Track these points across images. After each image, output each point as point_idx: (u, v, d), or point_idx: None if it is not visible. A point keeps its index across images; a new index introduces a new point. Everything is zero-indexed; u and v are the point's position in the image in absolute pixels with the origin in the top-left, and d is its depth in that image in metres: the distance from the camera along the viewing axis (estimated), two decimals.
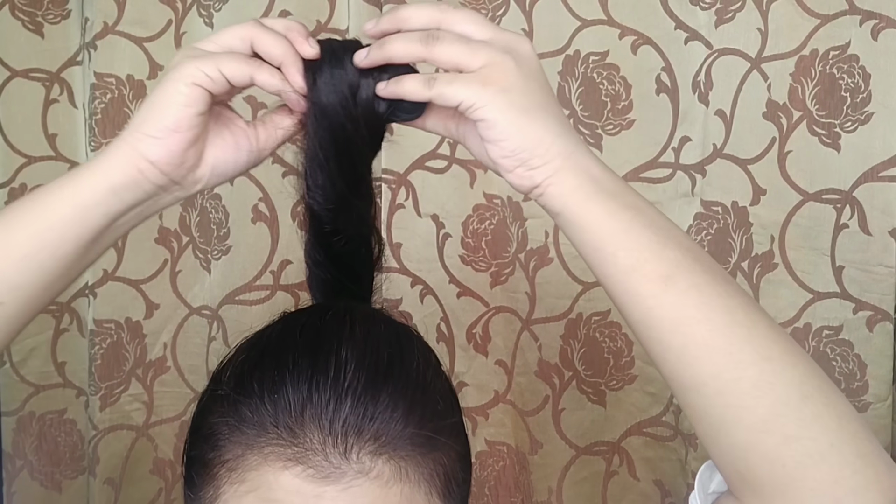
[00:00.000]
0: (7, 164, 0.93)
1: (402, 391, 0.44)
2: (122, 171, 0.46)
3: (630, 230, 0.44)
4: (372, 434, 0.42)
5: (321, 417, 0.42)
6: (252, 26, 0.50)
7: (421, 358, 0.47)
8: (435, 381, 0.46)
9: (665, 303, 0.43)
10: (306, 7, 0.89)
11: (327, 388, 0.42)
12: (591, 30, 0.87)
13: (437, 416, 0.44)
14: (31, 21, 0.92)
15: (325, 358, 0.44)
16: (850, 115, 0.82)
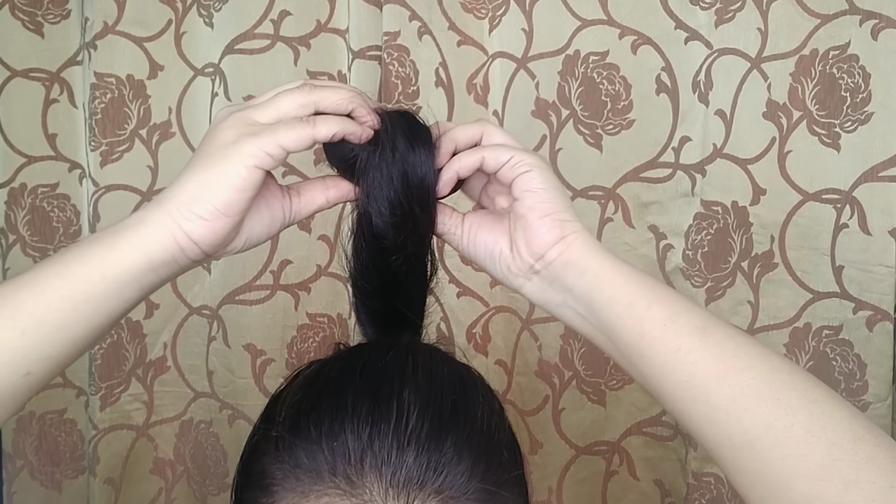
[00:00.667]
0: (7, 164, 0.93)
1: (468, 441, 0.41)
2: (163, 248, 0.44)
3: (657, 287, 0.45)
4: (435, 488, 0.40)
5: (382, 467, 0.40)
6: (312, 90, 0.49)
7: (485, 404, 0.44)
8: (499, 430, 0.44)
9: (707, 355, 0.42)
10: (306, 7, 0.89)
11: (389, 435, 0.40)
12: (591, 30, 0.87)
13: (502, 469, 0.42)
14: (31, 21, 0.92)
15: (387, 402, 0.42)
16: (850, 115, 0.82)
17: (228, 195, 0.44)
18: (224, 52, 0.89)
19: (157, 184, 0.93)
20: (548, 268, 0.48)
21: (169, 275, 0.46)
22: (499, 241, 0.50)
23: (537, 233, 0.47)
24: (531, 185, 0.47)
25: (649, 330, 0.44)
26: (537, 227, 0.47)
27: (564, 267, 0.47)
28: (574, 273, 0.46)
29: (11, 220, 0.94)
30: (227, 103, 0.89)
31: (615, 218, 0.89)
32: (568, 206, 0.48)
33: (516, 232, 0.48)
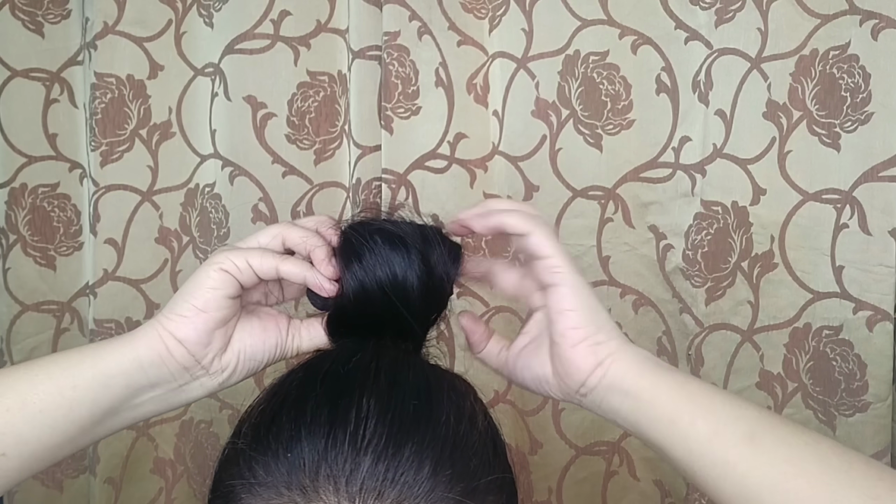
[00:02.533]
0: (7, 164, 0.93)
1: (430, 447, 0.40)
2: (149, 346, 0.47)
3: (702, 397, 0.45)
4: (394, 498, 0.38)
5: (337, 477, 0.39)
6: (283, 225, 0.52)
7: (452, 409, 0.43)
8: (468, 436, 0.43)
9: (756, 464, 0.42)
10: (306, 7, 0.89)
11: (345, 445, 0.39)
12: (591, 30, 0.87)
13: (469, 476, 0.41)
14: (31, 21, 0.92)
15: (345, 410, 0.41)
16: (850, 115, 0.82)
17: (202, 292, 0.48)
18: (224, 51, 0.89)
19: (157, 184, 0.93)
20: (591, 393, 0.48)
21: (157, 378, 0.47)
22: (543, 367, 0.50)
23: (573, 363, 0.47)
24: (563, 306, 0.48)
25: (696, 447, 0.43)
26: (572, 357, 0.47)
27: (607, 391, 0.47)
28: (617, 397, 0.46)
29: (12, 220, 0.94)
30: (226, 103, 0.89)
31: (615, 218, 0.89)
32: (603, 324, 0.48)
33: (554, 360, 0.49)
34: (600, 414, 0.49)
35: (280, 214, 0.91)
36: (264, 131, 0.90)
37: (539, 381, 0.51)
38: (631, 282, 0.90)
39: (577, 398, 0.50)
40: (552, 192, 0.89)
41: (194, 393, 0.49)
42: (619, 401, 0.47)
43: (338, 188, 0.92)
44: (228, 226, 0.91)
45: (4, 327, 0.95)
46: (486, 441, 0.45)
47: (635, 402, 0.46)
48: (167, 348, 0.47)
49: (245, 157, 0.90)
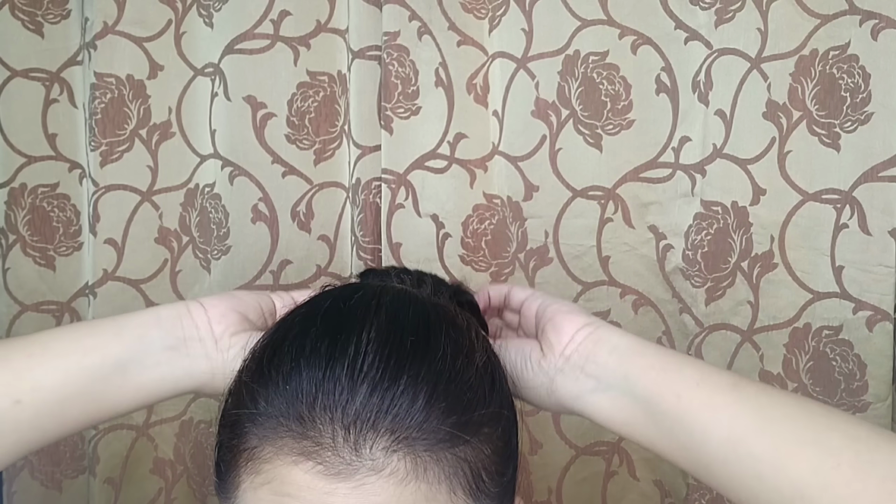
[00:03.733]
0: (7, 164, 0.93)
1: (424, 381, 0.41)
2: (170, 308, 0.50)
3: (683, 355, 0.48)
4: (387, 427, 0.40)
5: (334, 408, 0.40)
6: None
7: (450, 344, 0.44)
8: (465, 370, 0.43)
9: (742, 409, 0.43)
10: (306, 7, 0.89)
11: (342, 377, 0.40)
12: (591, 30, 0.87)
13: (464, 409, 0.42)
14: (31, 21, 0.92)
15: (344, 343, 0.42)
16: (849, 115, 0.82)
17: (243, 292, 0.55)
18: (224, 51, 0.89)
19: (157, 184, 0.93)
20: (578, 349, 0.49)
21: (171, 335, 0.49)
22: (530, 344, 0.52)
23: (566, 319, 0.50)
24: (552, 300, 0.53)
25: (684, 391, 0.44)
26: (565, 316, 0.51)
27: (595, 344, 0.48)
28: (605, 349, 0.48)
29: (11, 220, 0.94)
30: (226, 103, 0.89)
31: (615, 218, 0.89)
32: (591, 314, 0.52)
33: (545, 332, 0.51)
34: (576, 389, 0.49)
35: (280, 214, 0.91)
36: (264, 131, 0.90)
37: (523, 356, 0.51)
38: (631, 282, 0.90)
39: (559, 367, 0.49)
40: (552, 192, 0.89)
41: (198, 363, 0.50)
42: (606, 353, 0.48)
43: (337, 188, 0.92)
44: (228, 226, 0.91)
45: (4, 327, 0.95)
46: (484, 375, 0.45)
47: (625, 353, 0.47)
48: (188, 310, 0.50)
49: (245, 157, 0.90)
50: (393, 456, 0.39)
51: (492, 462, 0.43)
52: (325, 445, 0.39)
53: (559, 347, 0.50)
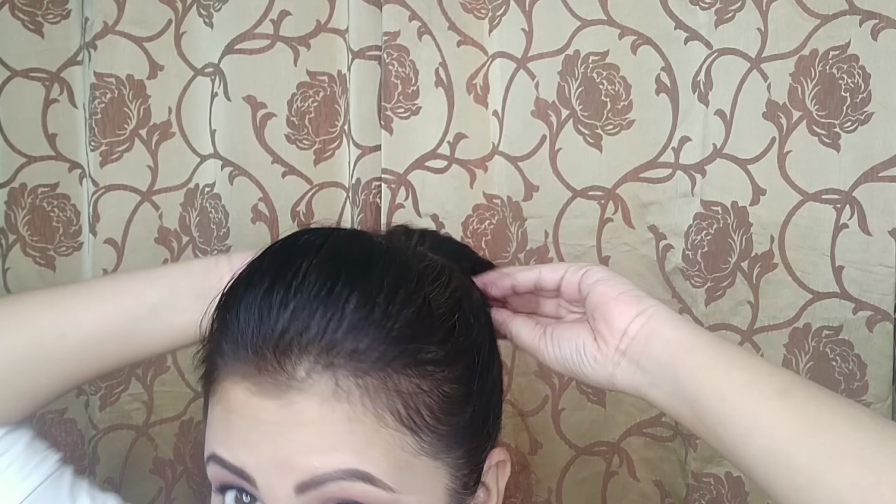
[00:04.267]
0: (7, 164, 0.93)
1: (356, 308, 0.42)
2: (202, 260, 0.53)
3: (738, 352, 0.46)
4: (314, 350, 0.41)
5: (266, 332, 0.42)
6: None
7: (389, 278, 0.44)
8: (404, 307, 0.43)
9: (785, 417, 0.42)
10: (306, 7, 0.89)
11: (275, 302, 0.42)
12: (591, 30, 0.87)
13: (395, 341, 0.42)
14: (31, 21, 0.92)
15: (283, 272, 0.43)
16: (849, 115, 0.82)
17: None
18: (224, 51, 0.89)
19: (157, 184, 0.93)
20: (633, 343, 0.48)
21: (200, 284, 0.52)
22: (581, 335, 0.51)
23: (617, 309, 0.48)
24: (597, 277, 0.50)
25: (728, 395, 0.44)
26: (616, 304, 0.48)
27: (648, 338, 0.47)
28: (658, 344, 0.47)
29: (11, 220, 0.94)
30: (226, 103, 0.89)
31: (615, 218, 0.89)
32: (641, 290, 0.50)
33: (596, 321, 0.49)
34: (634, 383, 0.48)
35: (280, 214, 0.91)
36: (264, 131, 0.90)
37: (577, 351, 0.50)
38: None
39: (615, 361, 0.49)
40: (552, 192, 0.88)
41: None
42: (660, 348, 0.47)
43: (337, 188, 0.92)
44: (228, 226, 0.91)
45: None
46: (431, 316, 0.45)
47: (676, 349, 0.46)
48: (216, 263, 0.52)
49: (245, 157, 0.90)
50: (318, 377, 0.41)
51: (436, 400, 0.44)
52: (259, 366, 0.42)
53: (614, 342, 0.49)
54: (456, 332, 0.46)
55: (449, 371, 0.45)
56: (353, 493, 0.41)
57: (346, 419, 0.41)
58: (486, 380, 0.48)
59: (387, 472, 0.41)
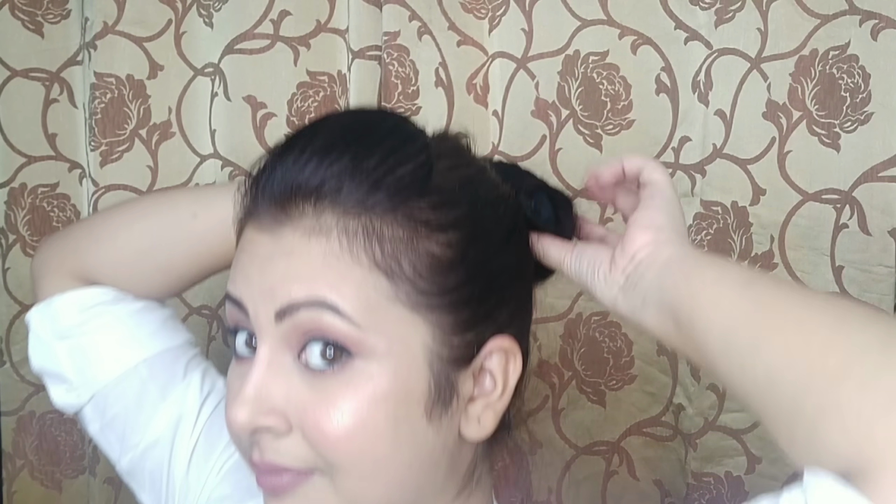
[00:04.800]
0: (7, 164, 0.93)
1: (353, 158, 0.45)
2: None
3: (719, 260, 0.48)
4: (306, 190, 0.44)
5: (272, 179, 0.45)
6: None
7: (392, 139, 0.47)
8: (400, 164, 0.45)
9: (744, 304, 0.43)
10: (306, 7, 0.89)
11: (287, 155, 0.45)
12: (591, 30, 0.87)
13: (383, 188, 0.44)
14: (31, 21, 0.92)
15: (301, 134, 0.47)
16: (849, 115, 0.82)
17: None
18: (224, 51, 0.89)
19: (157, 184, 0.93)
20: (636, 268, 0.49)
21: None
22: (600, 256, 0.53)
23: (634, 234, 0.51)
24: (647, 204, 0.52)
25: (699, 291, 0.45)
26: (635, 230, 0.51)
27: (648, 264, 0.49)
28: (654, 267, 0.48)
29: (11, 220, 0.94)
30: (226, 103, 0.89)
31: (615, 218, 0.89)
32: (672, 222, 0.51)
33: (617, 248, 0.52)
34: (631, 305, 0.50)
35: None
36: (264, 131, 0.90)
37: (592, 267, 0.52)
38: None
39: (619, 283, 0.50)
40: None
41: None
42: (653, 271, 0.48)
43: None
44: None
45: (4, 327, 0.95)
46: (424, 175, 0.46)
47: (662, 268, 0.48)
48: None
49: (245, 157, 0.90)
50: (303, 213, 0.44)
51: (420, 257, 0.45)
52: (262, 207, 0.46)
53: (622, 264, 0.50)
54: (457, 203, 0.47)
55: (439, 234, 0.46)
56: (323, 324, 0.43)
57: (323, 254, 0.44)
58: (489, 262, 0.48)
59: (355, 308, 0.43)
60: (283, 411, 0.44)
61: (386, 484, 0.45)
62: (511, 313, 0.50)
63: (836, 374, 0.37)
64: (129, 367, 0.60)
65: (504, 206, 0.51)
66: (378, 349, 0.44)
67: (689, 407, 0.90)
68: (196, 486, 0.59)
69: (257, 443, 0.45)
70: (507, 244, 0.50)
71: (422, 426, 0.45)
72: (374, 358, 0.44)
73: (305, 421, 0.44)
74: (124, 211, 0.64)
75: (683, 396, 0.90)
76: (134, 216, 0.63)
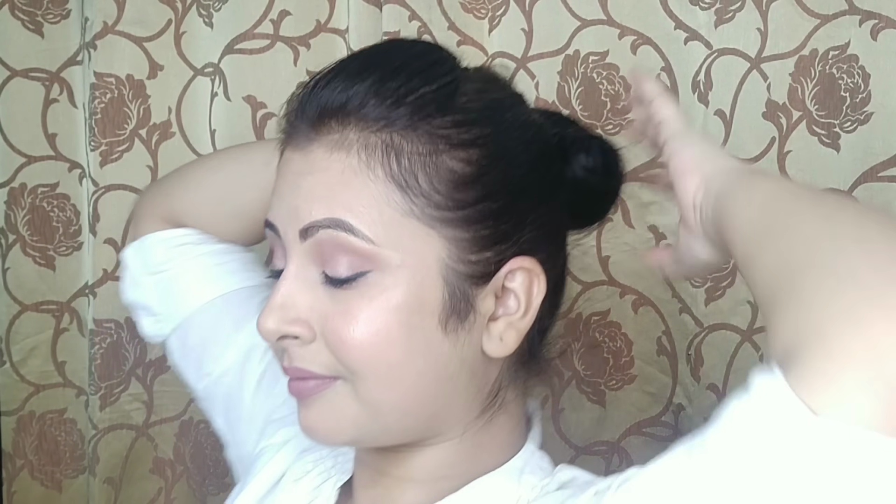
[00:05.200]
0: (7, 164, 0.93)
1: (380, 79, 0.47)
2: None
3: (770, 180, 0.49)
4: (335, 108, 0.47)
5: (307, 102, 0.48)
6: None
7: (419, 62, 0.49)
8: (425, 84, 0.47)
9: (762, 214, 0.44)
10: (306, 7, 0.89)
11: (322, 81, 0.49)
12: (591, 30, 0.87)
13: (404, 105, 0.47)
14: (31, 21, 0.92)
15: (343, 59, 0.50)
16: (849, 115, 0.82)
17: None
18: (224, 51, 0.89)
19: None
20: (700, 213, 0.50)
21: None
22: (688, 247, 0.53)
23: (682, 186, 0.51)
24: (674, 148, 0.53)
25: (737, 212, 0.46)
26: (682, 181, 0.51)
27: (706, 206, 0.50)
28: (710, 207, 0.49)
29: (11, 220, 0.94)
30: (226, 103, 0.90)
31: (615, 218, 0.89)
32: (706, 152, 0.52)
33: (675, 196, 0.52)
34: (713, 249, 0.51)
35: None
36: (264, 131, 0.90)
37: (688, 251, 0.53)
38: (631, 282, 0.89)
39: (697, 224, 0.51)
40: None
41: None
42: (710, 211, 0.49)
43: None
44: None
45: (4, 327, 0.95)
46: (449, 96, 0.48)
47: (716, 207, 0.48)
48: None
49: None
50: (330, 129, 0.47)
51: (438, 172, 0.47)
52: (298, 129, 0.48)
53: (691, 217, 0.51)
54: (479, 122, 0.49)
55: (460, 151, 0.48)
56: (340, 241, 0.46)
57: (342, 169, 0.46)
58: (510, 182, 0.50)
59: (369, 225, 0.46)
60: (307, 320, 0.47)
61: (401, 389, 0.47)
62: (535, 237, 0.50)
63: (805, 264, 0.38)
64: (207, 300, 0.65)
65: (534, 133, 0.54)
66: (392, 262, 0.46)
67: (689, 407, 0.90)
68: (262, 411, 0.64)
69: (286, 350, 0.48)
70: (534, 169, 0.52)
71: (436, 337, 0.47)
72: (389, 270, 0.46)
73: (326, 329, 0.47)
74: (211, 159, 0.73)
75: (683, 396, 0.90)
76: (219, 164, 0.70)
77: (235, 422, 0.66)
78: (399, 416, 0.48)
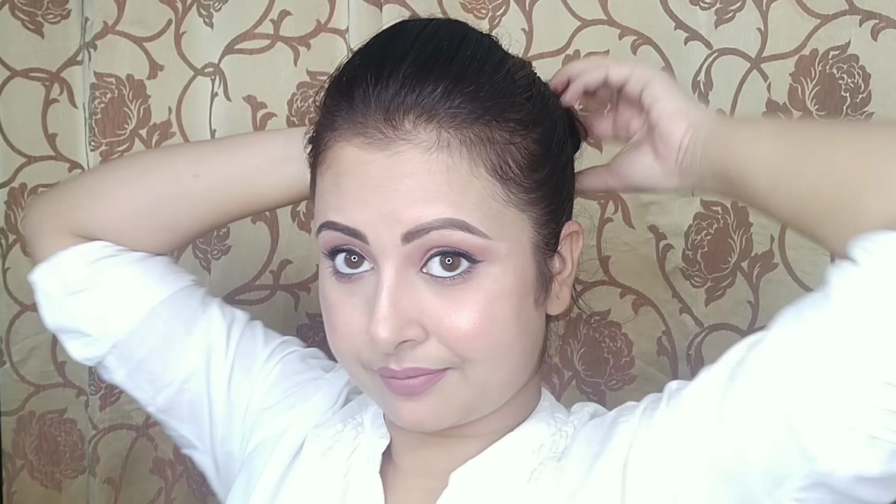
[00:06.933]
0: (7, 164, 0.93)
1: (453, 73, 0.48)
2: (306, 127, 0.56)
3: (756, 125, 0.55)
4: (418, 107, 0.47)
5: (376, 96, 0.47)
6: None
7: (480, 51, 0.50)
8: (493, 73, 0.49)
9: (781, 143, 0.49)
10: (306, 7, 0.89)
11: (384, 72, 0.48)
12: (591, 30, 0.87)
13: (487, 97, 0.48)
14: (31, 21, 0.92)
15: (388, 49, 0.49)
16: (849, 115, 0.82)
17: None
18: (224, 51, 0.89)
19: None
20: (685, 155, 0.54)
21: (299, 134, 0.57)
22: (645, 158, 0.57)
23: (670, 128, 0.54)
24: (655, 94, 0.55)
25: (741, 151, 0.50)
26: (669, 124, 0.54)
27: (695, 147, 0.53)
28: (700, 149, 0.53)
29: (11, 220, 0.94)
30: (226, 103, 0.89)
31: (615, 218, 0.89)
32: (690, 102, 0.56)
33: (654, 139, 0.56)
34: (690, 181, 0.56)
35: (280, 214, 0.91)
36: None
37: (643, 171, 0.57)
38: (631, 282, 0.89)
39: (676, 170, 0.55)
40: None
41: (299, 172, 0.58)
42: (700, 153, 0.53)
43: None
44: (228, 226, 0.91)
45: (4, 327, 0.95)
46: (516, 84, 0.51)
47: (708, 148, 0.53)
48: None
49: None
50: (423, 128, 0.47)
51: (522, 155, 0.49)
52: (368, 124, 0.47)
53: (672, 156, 0.55)
54: (533, 99, 0.52)
55: (531, 131, 0.50)
56: (453, 241, 0.47)
57: (446, 169, 0.46)
58: (562, 151, 0.54)
59: (481, 220, 0.47)
60: (418, 321, 0.48)
61: (510, 368, 0.51)
62: (571, 200, 0.56)
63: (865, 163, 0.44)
64: (147, 311, 0.62)
65: (555, 99, 0.57)
66: (501, 252, 0.48)
67: None
68: (241, 403, 0.63)
69: (395, 354, 0.48)
70: (566, 135, 0.56)
71: (534, 313, 0.51)
72: (497, 260, 0.48)
73: (442, 326, 0.48)
74: (123, 168, 0.67)
75: None
76: (135, 173, 0.64)
77: (208, 424, 0.64)
78: (503, 391, 0.52)
